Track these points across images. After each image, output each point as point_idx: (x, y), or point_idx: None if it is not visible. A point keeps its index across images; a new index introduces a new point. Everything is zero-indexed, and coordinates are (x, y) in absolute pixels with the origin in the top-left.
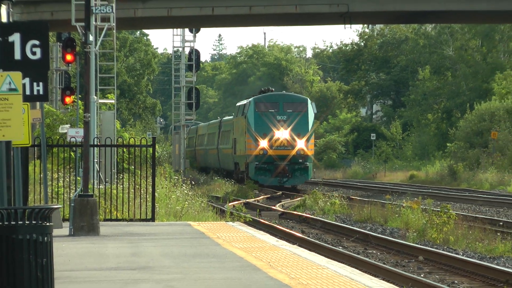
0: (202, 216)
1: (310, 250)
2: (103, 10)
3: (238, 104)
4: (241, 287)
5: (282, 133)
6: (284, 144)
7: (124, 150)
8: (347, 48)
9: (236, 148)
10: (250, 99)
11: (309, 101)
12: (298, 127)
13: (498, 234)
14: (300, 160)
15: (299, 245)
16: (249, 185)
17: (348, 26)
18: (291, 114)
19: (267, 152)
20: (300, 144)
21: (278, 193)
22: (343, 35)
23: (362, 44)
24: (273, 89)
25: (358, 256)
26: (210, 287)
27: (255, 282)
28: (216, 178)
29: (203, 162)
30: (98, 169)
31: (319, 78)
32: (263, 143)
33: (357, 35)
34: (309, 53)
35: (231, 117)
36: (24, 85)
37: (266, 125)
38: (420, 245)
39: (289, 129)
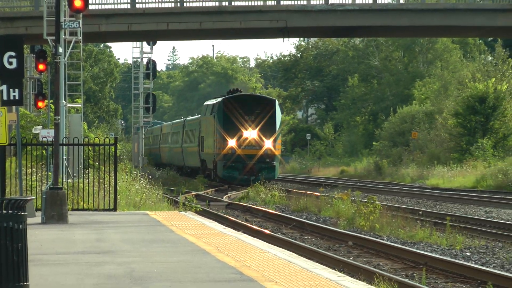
0: (158, 206)
1: (253, 236)
2: (71, 26)
3: (206, 103)
4: (193, 269)
5: (250, 133)
6: (252, 144)
7: (90, 148)
8: (286, 59)
9: (203, 147)
10: (219, 99)
11: (276, 102)
12: (266, 127)
13: (418, 222)
14: (268, 160)
15: (243, 232)
16: (200, 179)
17: (286, 39)
18: (259, 115)
19: (236, 151)
20: (268, 144)
21: (225, 187)
22: (282, 47)
23: (299, 55)
24: (241, 90)
25: (295, 241)
26: (165, 269)
27: (205, 264)
28: (170, 173)
29: (168, 159)
30: (67, 165)
31: (261, 85)
32: (232, 143)
33: (294, 48)
34: (252, 63)
35: (196, 116)
36: (1, 91)
37: (235, 125)
38: (350, 231)
39: (257, 129)
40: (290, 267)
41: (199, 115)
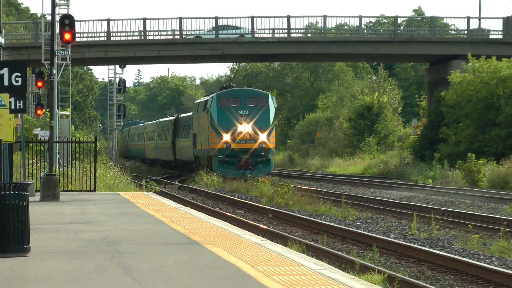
0: (127, 188)
1: (197, 210)
2: (62, 53)
3: (197, 101)
4: (153, 235)
5: (245, 127)
6: (246, 138)
7: (76, 145)
8: (222, 78)
9: (196, 142)
10: (212, 95)
11: (269, 95)
12: (260, 121)
13: (321, 200)
14: (263, 153)
15: (191, 207)
16: (158, 168)
17: (223, 63)
18: (253, 109)
19: (230, 146)
20: (262, 137)
21: (176, 173)
22: (220, 69)
23: (232, 75)
24: (234, 85)
25: (229, 214)
26: (132, 235)
27: (162, 231)
28: (137, 163)
29: (153, 154)
30: (59, 157)
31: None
32: (226, 137)
33: (228, 69)
34: (198, 81)
35: (189, 114)
36: (10, 102)
37: (229, 120)
38: (270, 207)
39: (251, 123)
40: (225, 233)
41: (191, 113)
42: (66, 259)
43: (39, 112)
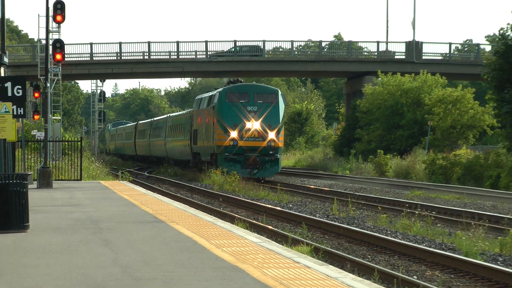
0: (107, 178)
1: (163, 195)
2: (55, 70)
3: (199, 96)
4: (127, 215)
5: (253, 124)
6: (255, 136)
7: (66, 143)
8: (182, 90)
9: (196, 139)
10: (219, 89)
11: (279, 92)
12: (269, 118)
13: (261, 187)
14: (271, 152)
15: (157, 193)
16: (131, 161)
17: (183, 78)
18: (262, 105)
19: (238, 143)
20: (271, 135)
21: (146, 166)
22: (180, 83)
23: (190, 88)
24: (242, 80)
25: (188, 198)
26: (111, 215)
27: (134, 212)
28: (114, 158)
29: (144, 151)
30: (51, 153)
31: (167, 106)
32: (233, 134)
33: (187, 83)
34: (163, 93)
35: (182, 112)
36: (13, 109)
37: (237, 116)
38: (220, 192)
39: (260, 120)
40: (185, 214)
41: (185, 111)
42: (57, 234)
43: (36, 117)
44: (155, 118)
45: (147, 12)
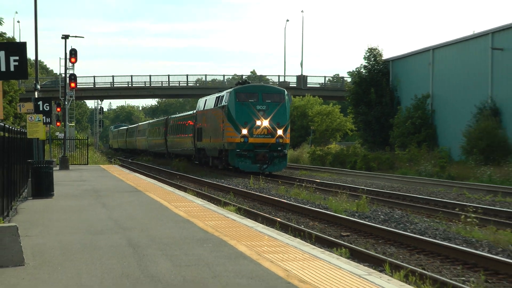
0: (105, 163)
1: (141, 174)
2: (70, 94)
3: (204, 98)
4: (118, 187)
5: (262, 122)
6: (264, 133)
7: (77, 141)
8: (153, 106)
9: (202, 136)
10: (229, 90)
11: (285, 92)
12: (277, 116)
13: (204, 168)
14: (279, 148)
15: (137, 173)
16: (118, 152)
17: (155, 99)
18: (270, 104)
19: (248, 140)
20: (279, 132)
21: (130, 155)
22: (153, 102)
23: (158, 105)
24: (250, 81)
25: (157, 176)
26: (107, 186)
27: (122, 185)
28: (109, 150)
29: (146, 147)
30: (68, 147)
31: (143, 117)
32: (244, 131)
33: (156, 102)
34: (141, 108)
35: (182, 114)
36: (43, 119)
37: (247, 114)
38: (179, 173)
39: (268, 118)
40: (155, 186)
41: (187, 113)
42: (72, 199)
43: (58, 124)
44: (151, 121)
45: (131, 55)
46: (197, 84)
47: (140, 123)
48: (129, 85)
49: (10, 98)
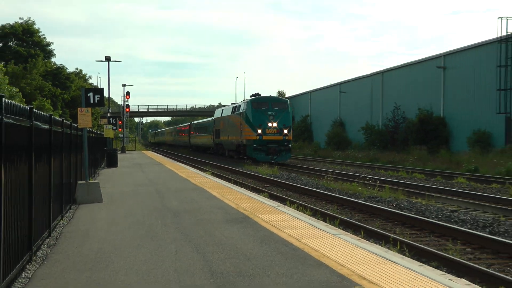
0: (144, 150)
1: (165, 156)
2: (126, 115)
3: (221, 108)
4: (150, 161)
5: (273, 124)
6: (274, 132)
7: (130, 138)
8: (148, 123)
9: (220, 135)
10: (246, 101)
11: (288, 101)
12: (283, 120)
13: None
14: (285, 144)
15: (162, 154)
16: (153, 145)
17: (171, 117)
18: (277, 111)
19: (262, 137)
20: (285, 132)
21: (158, 146)
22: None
23: (171, 120)
24: (260, 94)
25: (178, 159)
26: (145, 161)
27: (153, 160)
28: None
29: (171, 142)
30: (125, 141)
31: (164, 125)
32: (259, 131)
33: (171, 119)
34: (162, 121)
35: (204, 120)
36: (114, 129)
37: (261, 118)
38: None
39: (277, 121)
40: (171, 161)
41: (205, 120)
42: (128, 168)
43: (120, 130)
44: (176, 126)
45: (159, 94)
46: (191, 109)
47: (167, 128)
48: (157, 109)
49: (94, 116)
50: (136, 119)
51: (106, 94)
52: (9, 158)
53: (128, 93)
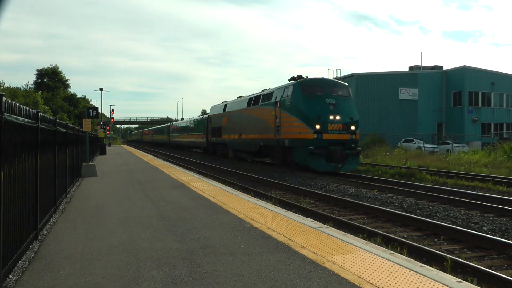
0: (125, 145)
1: (149, 154)
2: (112, 124)
3: (221, 104)
4: (126, 151)
5: (335, 117)
6: (339, 128)
7: (115, 138)
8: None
9: (220, 134)
10: (291, 83)
11: (349, 87)
12: (348, 111)
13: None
14: (353, 145)
15: (141, 150)
16: (133, 143)
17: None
18: (338, 98)
19: (322, 136)
20: (353, 128)
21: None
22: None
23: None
24: (302, 76)
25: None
26: (123, 151)
27: (133, 154)
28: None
29: (150, 140)
30: (110, 140)
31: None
32: (318, 127)
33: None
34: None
35: (184, 121)
36: (105, 132)
37: (319, 108)
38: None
39: (340, 113)
40: (141, 152)
41: (191, 119)
42: (112, 155)
43: (108, 132)
44: (156, 127)
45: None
46: (150, 120)
47: (145, 129)
48: (130, 120)
49: (93, 124)
50: (118, 126)
51: (100, 110)
52: (43, 149)
53: (113, 110)
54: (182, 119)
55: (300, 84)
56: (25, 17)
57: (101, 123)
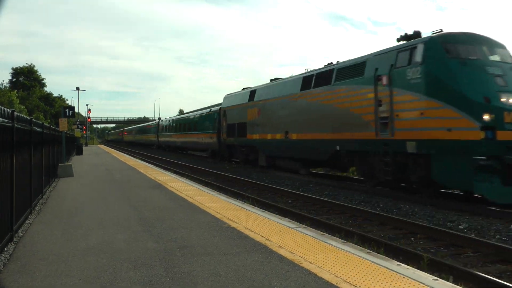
0: (101, 145)
1: (124, 153)
2: (89, 123)
3: (244, 91)
4: (103, 151)
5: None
6: None
7: (91, 138)
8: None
9: (245, 132)
10: (419, 40)
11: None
12: None
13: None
14: None
15: (117, 150)
16: (109, 142)
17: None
18: (503, 66)
19: (496, 136)
20: None
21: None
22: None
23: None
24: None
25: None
26: (100, 151)
27: (104, 152)
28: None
29: (131, 140)
30: (87, 139)
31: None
32: (486, 117)
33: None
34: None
35: (183, 115)
36: (81, 132)
37: (482, 83)
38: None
39: None
40: (117, 152)
41: (193, 113)
42: (89, 155)
43: (84, 132)
44: (139, 125)
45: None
46: (127, 120)
47: (126, 128)
48: (107, 120)
49: (69, 123)
50: (95, 125)
51: (76, 109)
52: (18, 149)
53: (89, 109)
54: (159, 119)
55: (441, 40)
56: None
57: (78, 122)
